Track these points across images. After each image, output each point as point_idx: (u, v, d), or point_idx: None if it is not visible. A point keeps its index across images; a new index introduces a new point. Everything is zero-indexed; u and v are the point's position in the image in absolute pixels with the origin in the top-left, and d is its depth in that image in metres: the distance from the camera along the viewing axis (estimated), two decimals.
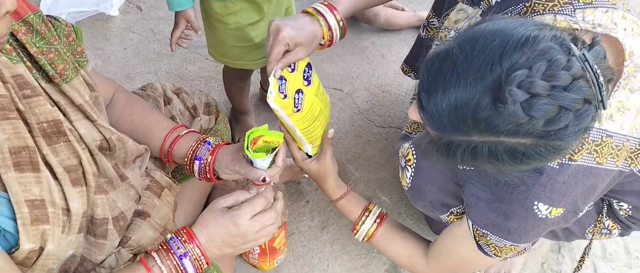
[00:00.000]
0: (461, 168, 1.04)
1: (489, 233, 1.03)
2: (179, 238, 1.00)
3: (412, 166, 1.17)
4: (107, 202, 1.02)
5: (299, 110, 1.15)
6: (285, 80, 1.11)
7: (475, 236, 1.07)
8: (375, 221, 1.30)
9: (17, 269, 0.85)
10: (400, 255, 1.28)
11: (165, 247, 1.00)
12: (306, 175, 1.65)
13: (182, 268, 0.99)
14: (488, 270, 1.53)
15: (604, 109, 0.74)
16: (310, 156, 1.28)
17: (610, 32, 0.90)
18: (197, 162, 1.14)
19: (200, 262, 1.00)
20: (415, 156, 1.16)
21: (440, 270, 1.23)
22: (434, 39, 1.35)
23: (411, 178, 1.18)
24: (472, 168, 1.01)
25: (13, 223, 0.84)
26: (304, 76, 1.16)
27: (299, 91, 1.14)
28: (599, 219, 1.18)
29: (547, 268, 1.58)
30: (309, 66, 1.18)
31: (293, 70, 1.13)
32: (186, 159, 1.15)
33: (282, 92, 1.11)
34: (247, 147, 1.03)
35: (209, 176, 1.15)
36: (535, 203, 0.95)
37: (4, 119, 0.85)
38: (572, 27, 0.89)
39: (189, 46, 2.08)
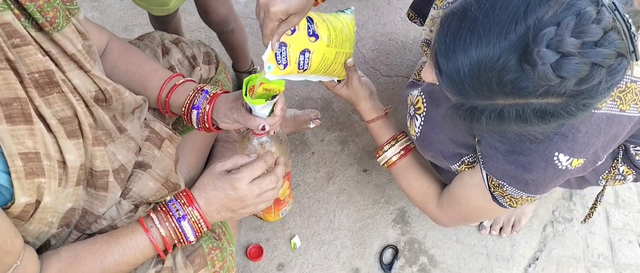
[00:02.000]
0: None
1: (505, 184, 1.00)
2: (178, 200, 0.99)
3: (421, 115, 1.12)
4: (106, 154, 1.00)
5: (305, 70, 1.10)
6: (285, 46, 1.04)
7: (490, 187, 1.04)
8: (399, 152, 1.28)
9: (11, 225, 0.84)
10: (415, 191, 1.26)
11: (164, 209, 0.99)
12: (311, 126, 1.62)
13: (180, 230, 0.98)
14: (498, 218, 1.51)
15: (637, 60, 0.68)
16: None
17: None
18: (194, 111, 1.10)
19: (199, 225, 0.99)
20: (425, 104, 1.12)
21: (449, 216, 1.21)
22: None
23: (420, 127, 1.14)
24: None
25: (7, 176, 0.82)
26: (308, 33, 1.08)
27: (304, 52, 1.07)
28: (613, 165, 1.15)
29: (559, 216, 1.56)
30: (309, 20, 1.09)
31: (293, 31, 1.05)
32: (184, 109, 1.11)
33: (281, 63, 1.04)
34: (246, 94, 0.99)
35: (207, 126, 1.12)
36: (556, 154, 0.91)
37: None
38: None
39: None
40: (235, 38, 1.62)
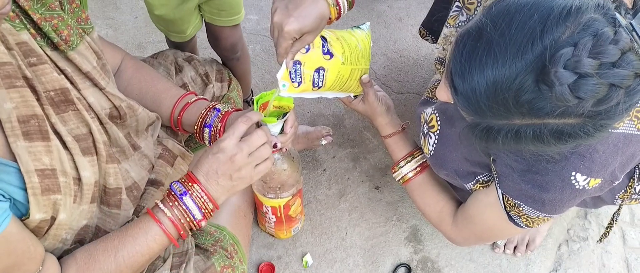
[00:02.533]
0: None
1: (522, 203, 0.99)
2: (180, 181, 0.96)
3: (435, 133, 1.12)
4: (120, 172, 1.00)
5: (320, 87, 1.10)
6: (300, 64, 1.04)
7: (506, 207, 1.03)
8: (415, 169, 1.28)
9: (31, 234, 0.84)
10: (430, 208, 1.25)
11: (167, 192, 0.96)
12: (323, 143, 1.61)
13: (184, 207, 0.94)
14: (512, 237, 1.49)
15: None
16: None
17: None
18: (207, 129, 1.11)
19: (202, 199, 0.95)
20: (439, 122, 1.11)
21: (464, 235, 1.20)
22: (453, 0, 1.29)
23: (434, 145, 1.13)
24: None
25: (23, 193, 0.82)
26: (323, 52, 1.08)
27: (319, 70, 1.07)
28: (630, 184, 1.13)
29: (573, 235, 1.53)
30: (323, 39, 1.09)
31: (308, 50, 1.05)
32: (196, 127, 1.12)
33: (295, 81, 1.05)
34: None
35: None
36: (573, 173, 0.90)
37: (11, 88, 0.83)
38: None
39: None
40: (241, 66, 1.63)
